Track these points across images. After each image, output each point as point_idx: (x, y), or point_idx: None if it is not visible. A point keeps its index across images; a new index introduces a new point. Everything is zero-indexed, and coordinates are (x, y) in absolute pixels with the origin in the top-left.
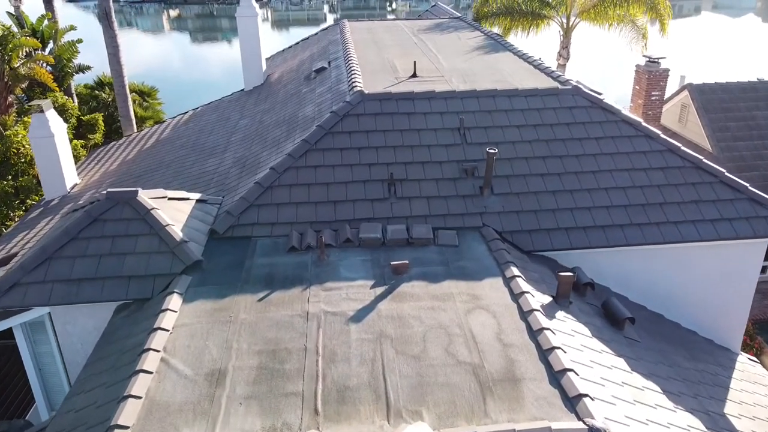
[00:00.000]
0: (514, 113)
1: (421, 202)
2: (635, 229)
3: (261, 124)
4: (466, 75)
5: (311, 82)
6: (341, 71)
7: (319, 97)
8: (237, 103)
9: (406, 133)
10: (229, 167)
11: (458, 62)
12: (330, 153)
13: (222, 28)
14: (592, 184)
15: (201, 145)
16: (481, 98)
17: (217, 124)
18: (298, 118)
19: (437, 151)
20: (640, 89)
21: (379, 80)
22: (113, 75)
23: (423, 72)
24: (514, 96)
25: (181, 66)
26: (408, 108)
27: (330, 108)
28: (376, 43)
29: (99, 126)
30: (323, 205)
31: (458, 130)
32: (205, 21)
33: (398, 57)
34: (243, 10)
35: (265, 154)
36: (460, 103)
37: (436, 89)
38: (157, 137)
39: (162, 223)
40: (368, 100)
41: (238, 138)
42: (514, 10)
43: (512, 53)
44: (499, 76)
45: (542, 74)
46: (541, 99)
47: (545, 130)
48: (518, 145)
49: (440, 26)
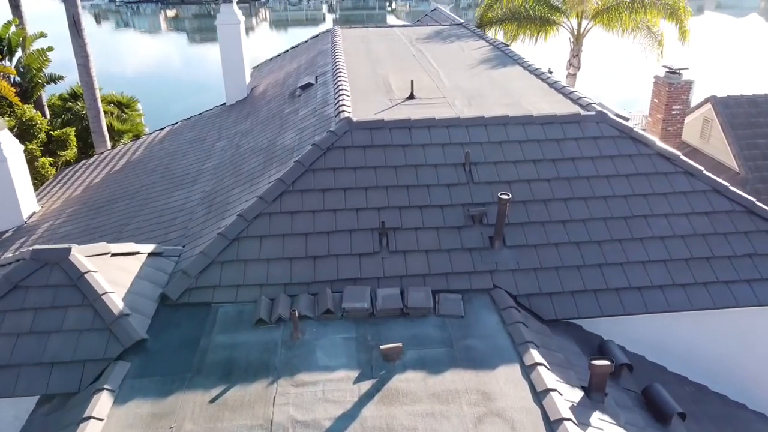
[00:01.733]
0: (529, 145)
1: (419, 257)
2: (678, 291)
3: (237, 150)
4: (471, 96)
5: (295, 100)
6: (328, 90)
7: (302, 121)
8: (217, 120)
9: (401, 170)
10: (196, 204)
11: (462, 79)
12: (310, 195)
13: None
14: (623, 233)
15: (172, 171)
16: (489, 127)
17: (193, 146)
18: (277, 146)
19: (438, 192)
20: (659, 103)
21: (370, 102)
22: (84, 88)
23: (421, 92)
24: (529, 124)
25: (178, 66)
26: (403, 139)
27: (312, 137)
28: (369, 55)
29: (71, 142)
30: (300, 261)
31: (463, 167)
32: (203, 21)
33: (393, 72)
34: (224, 17)
35: (236, 192)
36: (465, 133)
37: (437, 115)
38: (129, 158)
39: (98, 291)
40: (356, 129)
41: (212, 165)
42: (520, 16)
43: (522, 67)
44: (510, 98)
45: (559, 95)
46: (560, 127)
47: (566, 165)
48: (534, 185)
49: (441, 34)
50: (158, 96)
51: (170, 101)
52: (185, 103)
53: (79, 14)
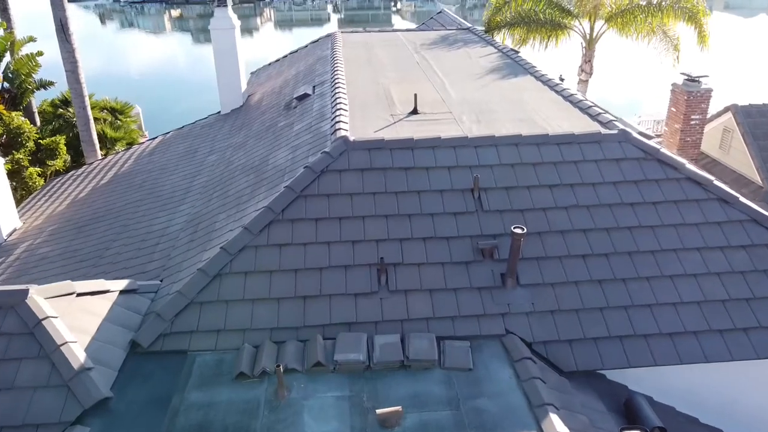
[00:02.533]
0: (545, 168)
1: (422, 297)
2: (715, 337)
3: (228, 167)
4: (479, 111)
5: (291, 113)
6: (325, 103)
7: (296, 137)
8: (210, 130)
9: (402, 197)
10: (181, 228)
11: (469, 90)
12: (301, 225)
13: None
14: (651, 269)
15: (160, 187)
16: (501, 147)
17: (183, 159)
18: (268, 165)
19: (444, 222)
20: (678, 112)
21: (370, 118)
22: (73, 95)
23: (426, 105)
24: (545, 144)
25: (182, 66)
26: (406, 161)
27: (306, 157)
28: (370, 63)
29: (60, 150)
30: (288, 302)
31: (472, 193)
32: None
33: (396, 82)
34: (218, 21)
35: (223, 218)
36: (473, 154)
37: (443, 134)
38: (118, 170)
39: (56, 341)
40: (354, 150)
41: (201, 183)
42: (530, 20)
43: (534, 77)
44: (522, 113)
45: (575, 109)
46: (578, 148)
47: (586, 191)
48: (551, 214)
49: (447, 40)
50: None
51: (175, 101)
52: (190, 103)
53: (67, 18)
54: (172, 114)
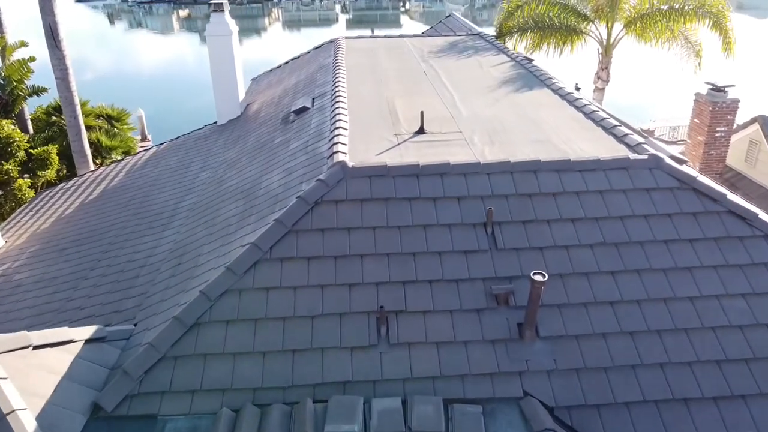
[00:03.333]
0: (567, 199)
1: (427, 352)
2: (766, 402)
3: (218, 188)
4: (492, 130)
5: (288, 128)
6: (324, 118)
7: (292, 158)
8: (205, 142)
9: (406, 233)
10: (163, 259)
11: (481, 105)
12: (291, 265)
13: None
14: (691, 320)
15: (147, 206)
16: (517, 174)
17: (174, 175)
18: (260, 189)
19: (453, 262)
20: (701, 123)
21: (371, 138)
22: (63, 104)
23: (434, 123)
24: (566, 171)
25: (190, 66)
26: (410, 190)
27: (300, 183)
28: (374, 73)
29: (52, 160)
30: (275, 357)
31: (484, 228)
32: None
33: (401, 95)
34: (214, 27)
35: (207, 251)
36: (486, 183)
37: (452, 158)
38: (107, 184)
39: (2, 409)
40: (353, 178)
41: (189, 205)
42: (544, 25)
43: (551, 90)
44: (539, 132)
45: (598, 129)
46: (604, 175)
47: (613, 226)
48: (574, 253)
49: (456, 47)
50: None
51: (181, 102)
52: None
53: (56, 23)
54: (179, 115)
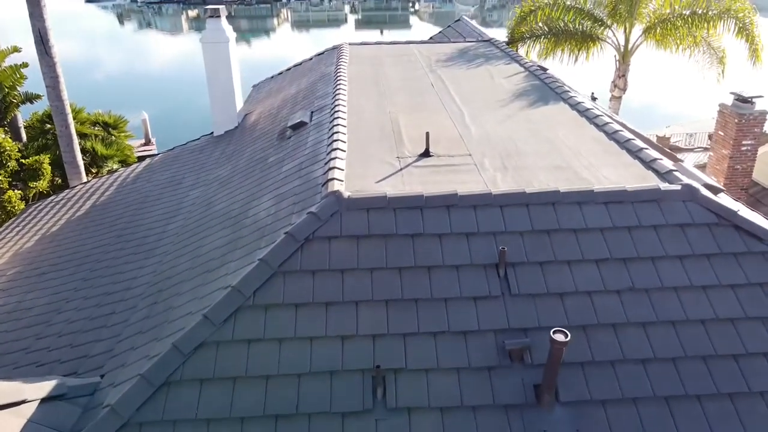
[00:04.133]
0: (590, 237)
1: (430, 419)
2: None
3: (207, 211)
4: (505, 153)
5: (283, 145)
6: (321, 136)
7: (284, 181)
8: (199, 156)
9: (408, 275)
10: (141, 293)
11: (492, 123)
12: (276, 313)
13: (241, 29)
14: (735, 382)
15: (134, 227)
16: (534, 207)
17: (165, 192)
18: (248, 218)
19: (460, 310)
20: (726, 136)
21: (371, 162)
22: (54, 113)
23: (440, 144)
24: (589, 203)
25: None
26: (413, 225)
27: (290, 214)
28: (378, 84)
29: (44, 171)
30: (255, 424)
31: (496, 270)
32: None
33: (406, 110)
34: (210, 34)
35: (186, 288)
36: (499, 217)
37: (461, 187)
38: (97, 199)
39: None
40: (348, 211)
41: (176, 228)
42: (558, 30)
43: (569, 106)
44: (557, 156)
45: (623, 151)
46: (632, 209)
47: (643, 269)
48: (599, 300)
49: (465, 54)
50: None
51: (188, 103)
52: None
53: (46, 29)
54: (187, 114)
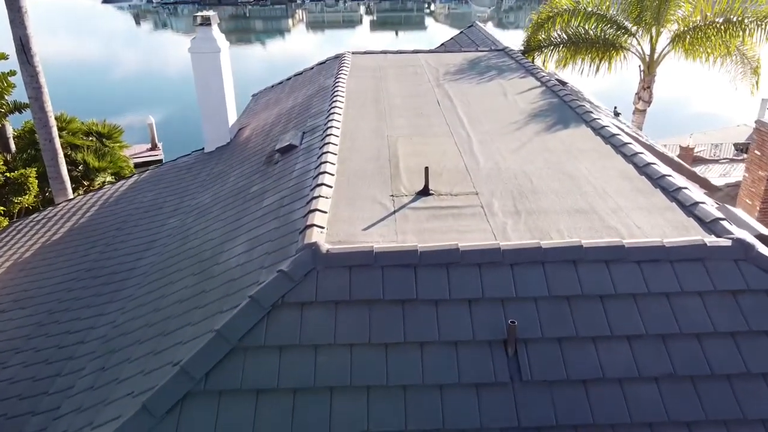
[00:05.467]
0: (620, 305)
1: None
2: None
3: (180, 247)
4: (518, 191)
5: (269, 172)
6: (309, 165)
7: (262, 221)
8: (186, 175)
9: (395, 353)
10: (93, 350)
11: (503, 151)
12: (231, 402)
13: (255, 30)
14: None
15: (105, 260)
16: (551, 266)
17: (144, 218)
18: (219, 265)
19: (459, 401)
20: (763, 156)
21: (361, 201)
22: (37, 126)
23: (443, 178)
24: (618, 262)
25: None
26: (404, 288)
27: (260, 267)
28: (378, 101)
29: (30, 185)
30: None
31: (504, 348)
32: (239, 22)
33: (406, 134)
34: (199, 43)
35: (136, 355)
36: (508, 278)
37: (463, 239)
38: (76, 221)
39: None
40: (327, 269)
41: (145, 266)
42: (579, 39)
43: (593, 130)
44: (579, 196)
45: (658, 191)
46: (671, 270)
47: (686, 350)
48: (633, 390)
49: (477, 66)
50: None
51: None
52: None
53: (28, 37)
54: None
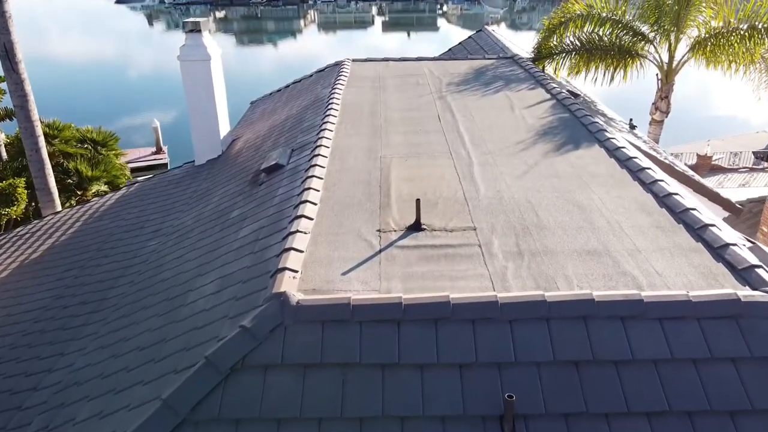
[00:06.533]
0: (638, 372)
1: None
2: None
3: (153, 277)
4: (522, 226)
5: (253, 193)
6: (292, 191)
7: (236, 255)
8: (174, 190)
9: (370, 428)
10: (44, 401)
11: (507, 176)
12: None
13: (267, 30)
14: None
15: (78, 286)
16: (557, 324)
17: (125, 237)
18: (185, 305)
19: None
20: None
21: (344, 236)
22: (23, 135)
23: (437, 208)
24: (635, 319)
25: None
26: (384, 349)
27: (225, 315)
28: (374, 115)
29: (19, 195)
30: None
31: (500, 425)
32: (251, 23)
33: (402, 154)
34: (188, 51)
35: (85, 417)
36: (507, 337)
37: (456, 288)
38: (58, 238)
39: None
40: (296, 324)
41: (113, 300)
42: (593, 46)
43: (606, 150)
44: (592, 233)
45: (681, 228)
46: (698, 330)
47: (719, 427)
48: None
49: (483, 75)
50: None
51: None
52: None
53: (12, 43)
54: None
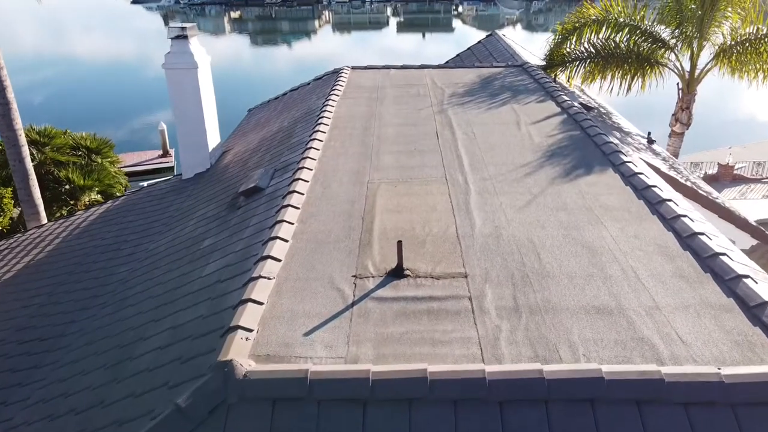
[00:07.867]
0: None
1: None
2: None
3: (114, 314)
4: (522, 273)
5: (228, 220)
6: (266, 222)
7: (195, 297)
8: (157, 207)
9: None
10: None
11: (508, 208)
12: None
13: (281, 31)
14: None
15: (41, 316)
16: (557, 405)
17: (98, 261)
18: (133, 359)
19: None
20: None
21: (312, 283)
22: (6, 145)
23: (424, 249)
24: (653, 404)
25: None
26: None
27: (166, 382)
28: (367, 131)
29: (4, 206)
30: None
31: None
32: (265, 23)
33: (392, 178)
34: (174, 58)
35: None
36: (496, 423)
37: (437, 355)
38: (35, 256)
39: None
40: (241, 403)
41: (71, 338)
42: (609, 53)
43: (622, 177)
44: (603, 284)
45: (708, 276)
46: (731, 416)
47: None
48: None
49: (489, 85)
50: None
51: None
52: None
53: None
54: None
